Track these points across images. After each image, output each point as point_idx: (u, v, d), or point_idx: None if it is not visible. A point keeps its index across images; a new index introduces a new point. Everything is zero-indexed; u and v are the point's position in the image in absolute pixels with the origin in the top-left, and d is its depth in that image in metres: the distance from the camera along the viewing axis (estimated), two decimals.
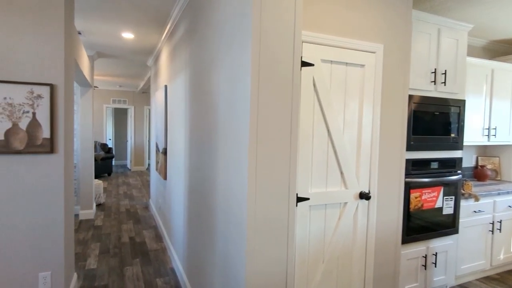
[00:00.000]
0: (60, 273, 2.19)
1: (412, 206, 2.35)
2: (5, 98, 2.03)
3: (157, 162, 4.45)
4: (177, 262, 3.03)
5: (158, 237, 4.03)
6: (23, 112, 2.07)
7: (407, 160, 2.33)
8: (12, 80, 2.03)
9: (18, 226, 2.09)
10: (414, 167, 2.36)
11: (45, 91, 2.09)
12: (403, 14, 2.14)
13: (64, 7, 2.12)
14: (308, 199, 1.88)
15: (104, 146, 9.39)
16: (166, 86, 3.65)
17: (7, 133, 2.04)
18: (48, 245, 2.16)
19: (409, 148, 2.32)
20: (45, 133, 2.10)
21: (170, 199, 3.53)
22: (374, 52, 2.04)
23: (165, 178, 3.72)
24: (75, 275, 2.72)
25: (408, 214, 2.35)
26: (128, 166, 10.49)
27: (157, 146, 4.41)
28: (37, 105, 2.09)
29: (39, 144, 2.09)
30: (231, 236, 1.64)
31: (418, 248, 2.44)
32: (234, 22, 1.61)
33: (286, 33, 1.47)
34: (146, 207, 5.58)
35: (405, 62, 2.16)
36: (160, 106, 4.03)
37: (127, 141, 11.16)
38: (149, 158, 10.64)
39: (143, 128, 10.29)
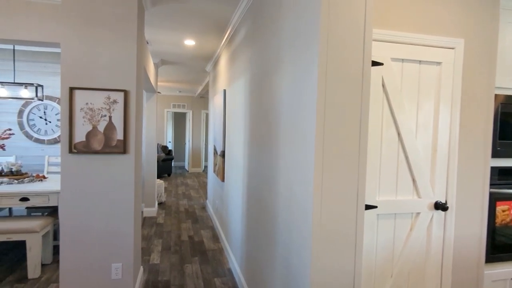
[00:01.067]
0: (129, 265, 2.35)
1: (498, 221, 2.06)
2: (87, 104, 2.24)
3: (215, 164, 4.58)
4: (235, 263, 3.06)
5: (215, 238, 4.14)
6: (101, 116, 2.26)
7: (493, 168, 2.04)
8: (93, 87, 2.24)
9: (96, 218, 2.29)
10: (501, 176, 2.06)
11: (119, 97, 2.27)
12: (488, 2, 1.89)
13: (137, 21, 2.29)
14: (375, 207, 1.74)
15: (164, 148, 10.01)
16: (224, 91, 3.74)
17: (88, 135, 2.25)
18: (120, 238, 2.33)
19: (495, 154, 2.04)
20: (119, 135, 2.28)
21: (228, 201, 3.59)
22: (453, 48, 1.84)
23: (222, 180, 3.80)
24: (141, 268, 2.90)
25: (493, 230, 2.06)
26: (186, 167, 11.03)
27: (215, 149, 4.55)
28: (113, 110, 2.27)
29: (114, 145, 2.27)
30: (293, 244, 1.59)
31: (506, 269, 2.12)
32: (299, 20, 1.56)
33: (355, 30, 1.39)
34: (203, 208, 5.78)
35: (490, 57, 1.91)
36: (219, 109, 4.14)
37: (185, 143, 11.77)
38: (205, 160, 11.09)
39: (200, 131, 10.75)
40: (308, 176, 1.42)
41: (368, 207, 1.72)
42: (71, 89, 2.20)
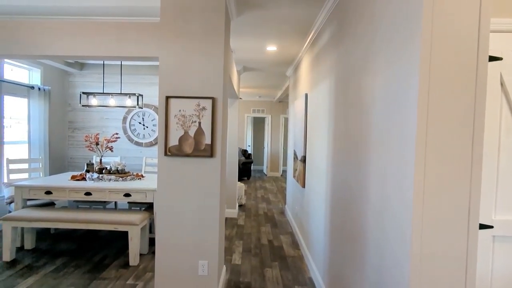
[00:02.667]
0: (214, 264, 2.47)
1: None
2: (180, 111, 2.45)
3: (294, 170, 4.54)
4: (316, 273, 2.96)
5: (295, 244, 4.08)
6: (192, 122, 2.45)
7: None
8: (185, 95, 2.44)
9: (186, 215, 2.47)
10: None
11: (208, 104, 2.42)
12: None
13: (224, 32, 2.41)
14: (490, 227, 1.47)
15: (244, 152, 10.41)
16: (306, 95, 3.68)
17: (180, 139, 2.45)
18: (207, 236, 2.47)
19: None
20: (207, 139, 2.42)
21: (308, 208, 3.51)
22: None
23: (303, 186, 3.74)
24: (224, 267, 3.03)
25: None
26: (264, 171, 11.27)
27: (295, 154, 4.51)
28: (202, 116, 2.43)
29: (203, 149, 2.43)
30: (386, 267, 1.44)
31: None
32: (397, 14, 1.42)
33: (468, 19, 1.19)
34: (282, 212, 5.79)
35: None
36: (300, 114, 4.10)
37: (264, 147, 12.05)
38: (283, 165, 11.15)
39: (279, 136, 10.87)
40: (406, 188, 1.27)
41: (481, 226, 1.46)
42: (167, 98, 2.43)
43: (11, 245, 3.31)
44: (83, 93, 4.40)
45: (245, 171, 9.66)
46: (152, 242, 3.88)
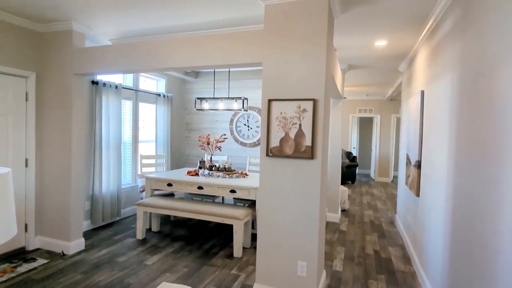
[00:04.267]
0: (313, 266, 2.50)
1: None
2: (281, 113, 2.57)
3: (407, 176, 4.15)
4: None
5: (406, 258, 3.74)
6: (292, 124, 2.53)
7: None
8: (286, 98, 2.54)
9: (286, 214, 2.58)
10: None
11: (308, 106, 2.46)
12: None
13: (326, 32, 2.41)
14: None
15: (349, 154, 10.01)
16: (422, 92, 3.33)
17: (281, 141, 2.57)
18: (306, 237, 2.52)
19: None
20: (308, 141, 2.47)
21: (423, 220, 3.17)
22: None
23: (417, 194, 3.39)
24: (324, 272, 3.02)
25: None
26: (372, 176, 10.58)
27: (407, 158, 4.12)
28: (303, 118, 2.49)
29: (303, 150, 2.48)
30: None
31: None
32: None
33: None
34: (392, 222, 5.35)
35: None
36: (414, 113, 3.73)
37: (371, 150, 11.32)
38: (395, 170, 10.25)
39: (389, 138, 10.04)
40: None
41: None
42: (269, 101, 2.59)
43: (143, 226, 4.07)
44: (198, 98, 5.05)
45: (349, 174, 9.29)
46: (254, 237, 4.16)
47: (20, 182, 3.52)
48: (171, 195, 4.79)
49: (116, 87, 4.61)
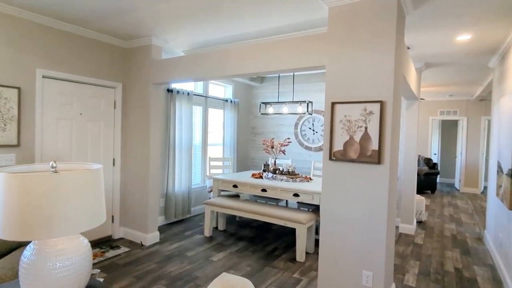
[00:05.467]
0: (380, 277, 2.40)
1: None
2: (345, 116, 2.54)
3: (498, 186, 3.70)
4: None
5: (496, 281, 3.32)
6: (358, 127, 2.48)
7: None
8: (351, 100, 2.51)
9: (349, 221, 2.53)
10: None
11: (375, 108, 2.39)
12: None
13: (395, 31, 2.32)
14: None
15: (428, 161, 9.20)
16: None
17: (345, 144, 2.54)
18: (372, 246, 2.44)
19: None
20: (374, 145, 2.40)
21: None
22: None
23: (510, 208, 3.01)
24: (393, 285, 2.86)
25: None
26: (456, 185, 9.55)
27: (499, 166, 3.67)
28: (369, 120, 2.43)
29: (369, 155, 2.42)
30: None
31: None
32: None
33: None
34: (479, 239, 4.79)
35: None
36: (507, 115, 3.32)
37: (455, 157, 10.22)
38: (485, 179, 9.11)
39: (479, 143, 8.95)
40: None
41: None
42: (333, 104, 2.58)
43: (210, 224, 4.36)
44: (262, 103, 5.22)
45: (427, 183, 8.54)
46: (317, 243, 4.13)
47: (108, 179, 4.09)
48: (236, 196, 5.03)
49: (188, 94, 5.04)
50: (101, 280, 1.58)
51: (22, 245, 2.11)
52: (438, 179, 10.80)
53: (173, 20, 3.27)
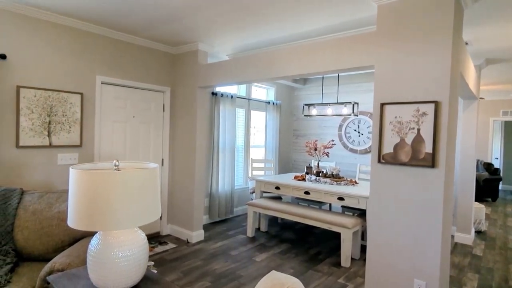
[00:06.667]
0: (434, 287, 2.29)
1: None
2: (395, 117, 2.46)
3: None
4: None
5: None
6: (409, 129, 2.39)
7: None
8: (402, 101, 2.42)
9: (400, 228, 2.44)
10: None
11: (429, 109, 2.29)
12: None
13: (452, 26, 2.21)
14: None
15: (488, 166, 8.50)
16: None
17: (396, 147, 2.46)
18: (425, 255, 2.33)
19: None
20: (427, 148, 2.29)
21: None
22: None
23: None
24: None
25: None
26: None
27: None
28: (422, 122, 2.33)
29: (422, 158, 2.32)
30: None
31: None
32: None
33: None
34: None
35: None
36: None
37: None
38: None
39: None
40: None
41: None
42: (382, 105, 2.51)
43: (252, 225, 4.43)
44: (305, 104, 5.19)
45: (488, 190, 7.89)
46: (364, 249, 4.01)
47: None
48: (278, 198, 5.05)
49: (231, 97, 5.17)
50: (155, 271, 1.69)
51: (85, 236, 2.32)
52: (500, 186, 9.93)
53: (219, 26, 3.39)
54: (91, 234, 2.35)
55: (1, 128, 2.93)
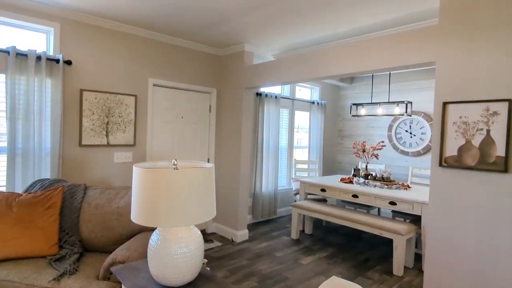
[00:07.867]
0: None
1: None
2: (460, 117, 2.26)
3: None
4: None
5: None
6: (477, 130, 2.18)
7: None
8: (468, 100, 2.22)
9: (464, 238, 2.23)
10: None
11: (502, 107, 2.07)
12: None
13: None
14: None
15: None
16: None
17: (460, 149, 2.25)
18: (494, 275, 2.10)
19: None
20: (499, 151, 2.07)
21: None
22: None
23: None
24: None
25: None
26: None
27: None
28: (492, 122, 2.11)
29: (492, 162, 2.10)
30: None
31: None
32: None
33: None
34: None
35: None
36: None
37: None
38: None
39: None
40: None
41: None
42: (444, 104, 2.32)
43: (297, 227, 4.34)
44: (353, 104, 5.00)
45: None
46: (417, 257, 3.76)
47: None
48: (323, 200, 4.91)
49: (276, 97, 5.13)
50: (208, 269, 1.70)
51: (142, 230, 2.40)
52: None
53: (268, 27, 3.36)
54: (147, 229, 2.43)
55: (67, 128, 3.15)
